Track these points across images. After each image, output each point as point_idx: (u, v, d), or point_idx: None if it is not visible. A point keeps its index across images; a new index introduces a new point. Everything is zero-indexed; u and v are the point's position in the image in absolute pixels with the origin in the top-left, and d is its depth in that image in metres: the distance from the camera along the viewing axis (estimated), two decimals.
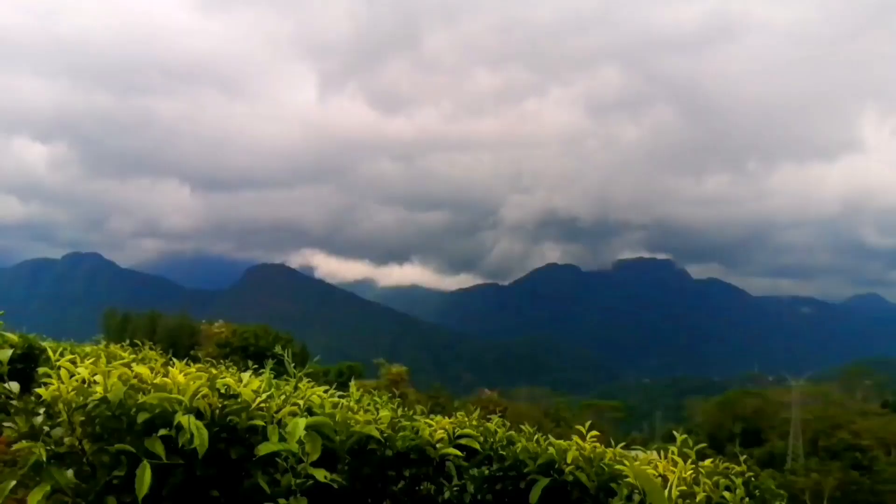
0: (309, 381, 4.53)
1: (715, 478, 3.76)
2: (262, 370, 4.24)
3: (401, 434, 3.91)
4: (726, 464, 4.06)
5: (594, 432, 4.13)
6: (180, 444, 2.82)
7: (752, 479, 3.97)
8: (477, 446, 4.04)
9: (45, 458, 2.80)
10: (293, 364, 4.76)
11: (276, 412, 3.19)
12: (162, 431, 2.87)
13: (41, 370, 3.19)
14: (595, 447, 4.02)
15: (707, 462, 4.01)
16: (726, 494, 3.61)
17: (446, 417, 4.56)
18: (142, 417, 2.88)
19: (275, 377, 4.20)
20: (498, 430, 4.31)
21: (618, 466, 3.76)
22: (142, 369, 3.26)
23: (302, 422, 3.07)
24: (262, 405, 3.18)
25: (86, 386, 3.02)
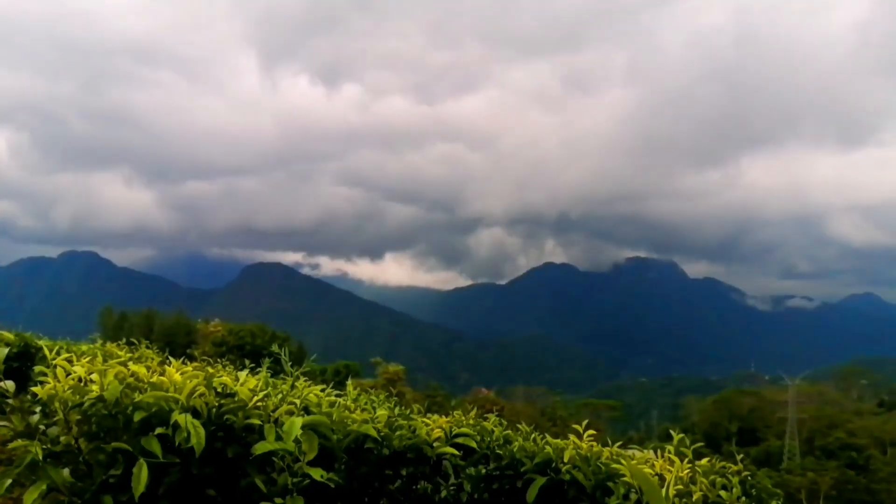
0: (306, 380, 4.52)
1: (711, 477, 3.77)
2: (258, 369, 4.24)
3: (398, 433, 3.91)
4: (723, 463, 4.07)
5: (591, 431, 4.13)
6: (177, 443, 2.82)
7: (749, 477, 3.98)
8: (474, 445, 4.04)
9: (41, 457, 2.80)
10: (290, 363, 4.76)
11: (273, 411, 3.18)
12: (158, 430, 2.86)
13: (37, 369, 3.19)
14: (592, 446, 4.02)
15: (703, 461, 4.01)
16: (723, 493, 3.62)
17: (443, 416, 4.55)
18: (138, 416, 2.88)
19: (272, 376, 4.19)
20: (495, 429, 4.31)
21: (614, 465, 3.76)
22: (138, 368, 3.26)
23: (299, 421, 3.07)
24: (259, 404, 3.18)
25: (82, 385, 3.02)
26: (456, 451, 3.93)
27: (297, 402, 3.47)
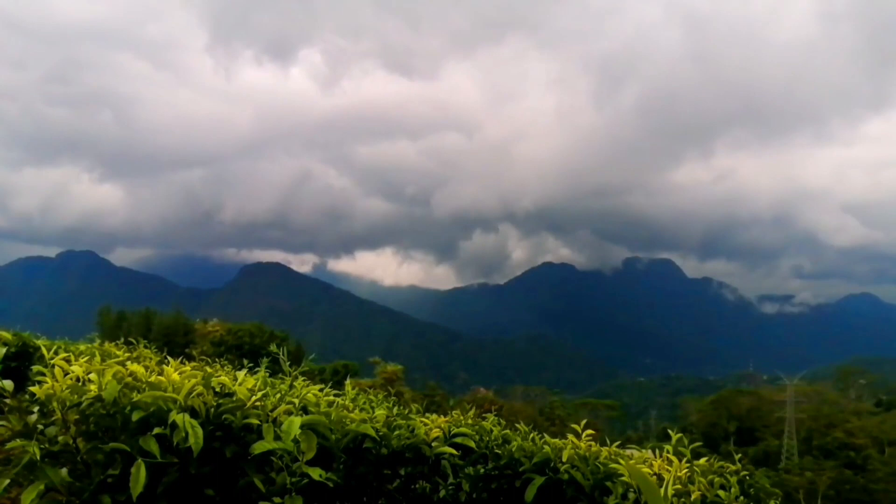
0: (304, 380, 4.53)
1: (710, 476, 3.77)
2: (257, 368, 4.24)
3: (396, 433, 3.91)
4: (721, 462, 4.08)
5: (589, 431, 4.13)
6: (175, 443, 2.81)
7: (747, 477, 3.98)
8: (472, 445, 4.04)
9: (38, 457, 2.79)
10: (288, 362, 4.76)
11: (272, 411, 3.18)
12: (156, 430, 2.86)
13: (35, 368, 3.18)
14: (590, 446, 4.02)
15: (702, 461, 4.02)
16: (721, 493, 3.62)
17: (442, 416, 4.55)
18: (136, 416, 2.88)
19: (270, 376, 4.19)
20: (493, 428, 4.31)
21: (613, 465, 3.76)
22: (136, 368, 3.25)
23: (297, 420, 3.06)
24: (258, 404, 3.17)
25: (80, 384, 3.01)
26: (454, 451, 3.93)
27: (296, 401, 3.47)
